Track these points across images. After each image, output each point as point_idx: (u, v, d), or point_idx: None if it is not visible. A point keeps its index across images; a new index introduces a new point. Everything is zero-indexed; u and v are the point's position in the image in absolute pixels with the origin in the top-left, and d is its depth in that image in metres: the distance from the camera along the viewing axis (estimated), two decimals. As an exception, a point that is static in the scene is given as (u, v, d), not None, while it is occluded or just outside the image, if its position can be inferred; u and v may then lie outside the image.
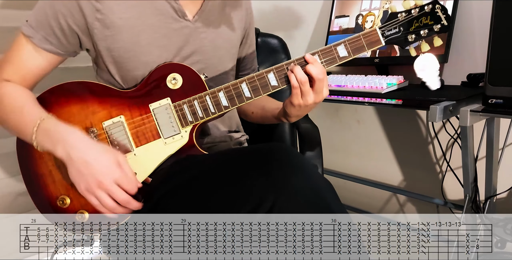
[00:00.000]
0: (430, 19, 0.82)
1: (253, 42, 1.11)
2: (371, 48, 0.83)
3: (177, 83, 0.86)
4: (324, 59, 0.82)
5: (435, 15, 0.82)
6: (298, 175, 0.70)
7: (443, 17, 0.82)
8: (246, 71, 1.11)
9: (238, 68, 1.09)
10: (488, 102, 0.93)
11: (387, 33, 0.83)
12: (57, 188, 0.86)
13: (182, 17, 0.91)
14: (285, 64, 0.83)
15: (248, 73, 1.11)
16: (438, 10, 0.82)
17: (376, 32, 0.82)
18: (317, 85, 0.81)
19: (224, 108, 0.85)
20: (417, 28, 0.83)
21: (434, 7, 0.82)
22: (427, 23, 0.82)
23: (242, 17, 1.03)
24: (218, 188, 0.75)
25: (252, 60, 1.12)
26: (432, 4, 0.82)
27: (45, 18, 0.84)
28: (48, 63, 0.88)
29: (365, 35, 0.82)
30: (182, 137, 0.86)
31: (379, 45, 0.83)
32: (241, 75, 1.10)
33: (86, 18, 0.84)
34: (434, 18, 0.82)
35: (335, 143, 1.83)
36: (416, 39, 0.83)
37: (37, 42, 0.85)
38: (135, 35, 0.86)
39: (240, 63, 1.08)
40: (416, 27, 0.83)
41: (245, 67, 1.11)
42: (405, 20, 0.83)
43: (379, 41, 0.82)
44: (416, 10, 0.82)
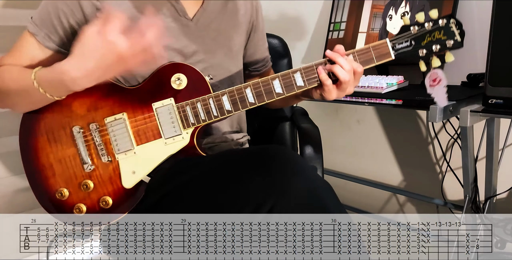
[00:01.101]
0: (444, 34, 0.79)
1: (264, 35, 1.09)
2: (380, 61, 0.81)
3: (181, 84, 0.86)
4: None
5: (449, 30, 0.79)
6: (297, 177, 0.70)
7: (457, 32, 0.79)
8: (259, 64, 1.10)
9: (250, 62, 1.08)
10: (488, 102, 0.93)
11: (397, 46, 0.81)
12: (56, 181, 0.86)
13: (183, 16, 0.91)
14: (292, 72, 0.82)
15: (261, 65, 1.10)
16: (452, 25, 0.79)
17: (386, 44, 0.81)
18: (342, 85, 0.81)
19: (226, 113, 0.84)
20: (430, 42, 0.80)
21: (449, 21, 0.79)
22: (440, 38, 0.80)
23: (247, 10, 1.02)
24: (218, 190, 0.75)
25: (263, 52, 1.10)
26: (447, 19, 0.79)
27: (48, 17, 0.85)
28: (49, 60, 0.88)
29: (374, 47, 0.81)
30: (183, 138, 0.86)
31: (388, 59, 0.81)
32: (254, 70, 1.10)
33: (87, 17, 0.84)
34: (448, 33, 0.79)
35: (335, 143, 1.83)
36: (427, 54, 0.81)
37: (41, 39, 0.86)
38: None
39: (250, 58, 1.08)
40: (429, 41, 0.80)
41: (258, 61, 1.09)
42: (417, 34, 0.80)
43: (389, 54, 0.81)
44: (429, 24, 0.80)
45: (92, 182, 0.85)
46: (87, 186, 0.85)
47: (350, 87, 0.82)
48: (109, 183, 0.85)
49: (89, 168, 0.85)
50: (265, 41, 1.11)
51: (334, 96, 0.83)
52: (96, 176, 0.85)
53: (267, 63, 1.12)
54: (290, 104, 1.05)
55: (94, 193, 0.85)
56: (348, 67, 0.79)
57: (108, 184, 0.85)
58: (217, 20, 0.96)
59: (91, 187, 0.85)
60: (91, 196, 0.85)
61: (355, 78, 0.81)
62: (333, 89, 0.82)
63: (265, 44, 1.11)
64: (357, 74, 0.81)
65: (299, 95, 0.93)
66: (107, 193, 0.85)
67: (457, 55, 0.82)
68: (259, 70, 1.10)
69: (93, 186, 0.85)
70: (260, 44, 1.08)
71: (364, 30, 1.48)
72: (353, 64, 0.80)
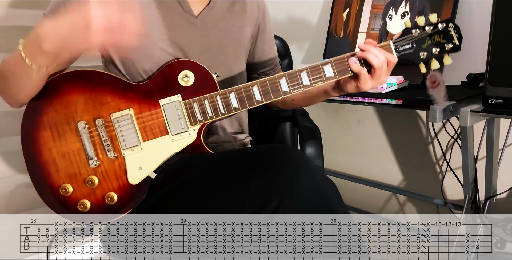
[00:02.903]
0: (443, 38, 0.83)
1: (271, 38, 1.09)
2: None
3: (188, 81, 0.86)
4: (337, 69, 0.83)
5: (447, 34, 0.82)
6: (302, 176, 0.70)
7: (455, 36, 0.82)
8: (268, 67, 1.09)
9: (259, 66, 1.08)
10: (488, 102, 0.93)
11: (400, 48, 0.83)
12: (60, 176, 0.85)
13: (188, 13, 0.91)
14: (298, 71, 0.83)
15: (270, 68, 1.10)
16: (451, 29, 0.82)
17: (390, 46, 0.83)
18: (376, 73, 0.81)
19: (234, 110, 0.85)
20: (430, 45, 0.83)
21: (448, 25, 0.82)
22: (439, 42, 0.83)
23: (253, 13, 1.02)
24: (223, 189, 0.75)
25: (271, 55, 1.09)
26: (446, 23, 0.82)
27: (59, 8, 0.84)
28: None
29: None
30: (190, 134, 0.86)
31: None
32: (263, 73, 1.09)
33: None
34: (447, 37, 0.83)
35: (335, 143, 1.83)
36: (427, 56, 0.83)
37: None
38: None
39: (259, 60, 1.07)
40: (429, 44, 0.83)
41: (266, 64, 1.09)
42: (419, 37, 0.83)
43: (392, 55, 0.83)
44: (430, 28, 0.83)
45: (97, 178, 0.85)
46: (92, 181, 0.85)
47: (383, 76, 0.83)
48: (115, 179, 0.85)
49: (95, 163, 0.85)
50: (273, 44, 1.10)
51: (370, 85, 0.84)
52: (102, 171, 0.85)
53: (276, 67, 1.11)
54: (316, 102, 1.04)
55: (99, 189, 0.85)
56: (381, 56, 0.80)
57: (113, 180, 0.85)
58: (223, 20, 0.96)
59: (96, 183, 0.85)
60: (96, 192, 0.85)
61: (389, 68, 0.83)
62: (368, 79, 0.82)
63: (273, 48, 1.10)
64: (391, 64, 0.82)
65: (328, 91, 0.93)
66: (112, 189, 0.85)
67: (457, 55, 0.82)
68: (267, 74, 1.09)
69: (98, 182, 0.85)
70: (267, 47, 1.07)
71: (364, 30, 1.49)
72: (386, 55, 0.81)
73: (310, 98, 1.02)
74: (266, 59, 1.08)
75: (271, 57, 1.09)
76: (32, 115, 0.87)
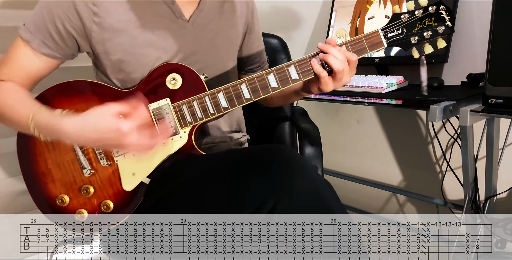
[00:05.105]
0: (434, 21, 0.80)
1: (259, 36, 1.10)
2: (373, 50, 0.82)
3: (176, 84, 0.86)
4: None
5: (439, 16, 0.80)
6: (298, 176, 0.70)
7: (447, 18, 0.80)
8: (254, 65, 1.10)
9: (246, 63, 1.08)
10: (488, 102, 0.93)
11: (389, 35, 0.81)
12: (56, 187, 0.86)
13: (180, 18, 0.91)
14: (286, 65, 0.82)
15: (257, 66, 1.10)
16: (442, 11, 0.80)
17: (378, 33, 0.81)
18: (337, 76, 0.80)
19: (223, 110, 0.85)
20: (421, 29, 0.81)
21: (439, 8, 0.80)
22: (431, 25, 0.81)
23: (243, 12, 1.02)
24: (219, 190, 0.75)
25: (260, 54, 1.10)
26: (437, 5, 0.80)
27: (43, 22, 0.84)
28: (46, 66, 0.88)
29: (367, 37, 0.81)
30: (181, 137, 0.86)
31: (381, 47, 0.82)
32: (250, 70, 1.10)
33: (83, 22, 0.84)
34: (438, 19, 0.80)
35: (335, 143, 1.83)
36: (419, 41, 0.82)
37: (36, 46, 0.85)
38: (133, 37, 0.86)
39: (246, 58, 1.08)
40: (420, 28, 0.81)
41: (253, 61, 1.09)
42: (408, 22, 0.81)
43: (381, 43, 0.81)
44: (420, 11, 0.80)
45: (92, 187, 0.85)
46: (87, 190, 0.85)
47: (346, 77, 0.81)
48: (109, 187, 0.85)
49: (89, 172, 0.85)
50: (261, 42, 1.10)
51: (331, 87, 0.82)
52: (96, 180, 0.86)
53: (263, 64, 1.12)
54: (291, 101, 1.05)
55: (95, 197, 0.85)
56: (341, 57, 0.79)
57: (108, 188, 0.85)
58: (214, 20, 0.96)
59: (92, 192, 0.85)
60: (91, 200, 0.85)
61: (350, 67, 0.81)
62: (329, 81, 0.81)
63: (261, 46, 1.10)
64: (352, 63, 0.80)
65: (299, 91, 0.93)
66: (107, 196, 0.85)
67: (457, 55, 0.82)
68: (255, 71, 1.10)
69: (93, 191, 0.85)
70: (255, 45, 1.08)
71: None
72: (346, 54, 0.80)
73: (285, 97, 1.03)
74: (253, 58, 1.09)
75: (258, 55, 1.10)
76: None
